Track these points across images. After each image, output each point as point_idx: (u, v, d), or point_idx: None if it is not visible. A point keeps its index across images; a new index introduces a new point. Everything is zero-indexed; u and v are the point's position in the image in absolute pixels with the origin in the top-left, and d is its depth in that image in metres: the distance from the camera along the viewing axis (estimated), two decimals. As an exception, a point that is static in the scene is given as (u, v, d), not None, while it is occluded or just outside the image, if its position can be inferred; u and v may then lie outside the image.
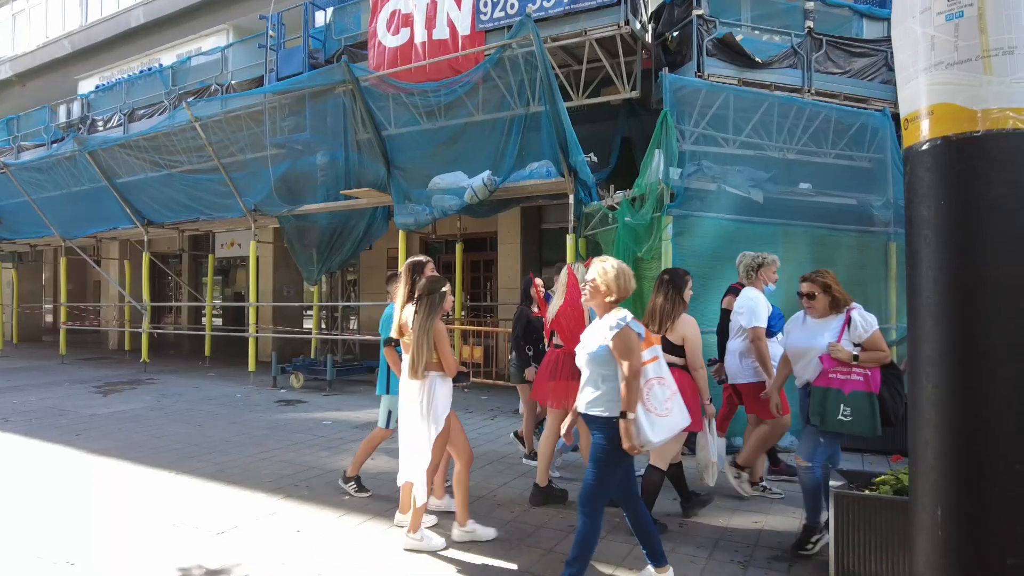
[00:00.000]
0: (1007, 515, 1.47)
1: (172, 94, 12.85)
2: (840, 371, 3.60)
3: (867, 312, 3.72)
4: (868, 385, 3.53)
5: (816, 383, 3.66)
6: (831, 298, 3.75)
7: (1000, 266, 1.50)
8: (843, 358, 3.58)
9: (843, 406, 3.54)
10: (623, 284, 3.13)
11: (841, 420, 3.53)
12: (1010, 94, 1.48)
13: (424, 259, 4.18)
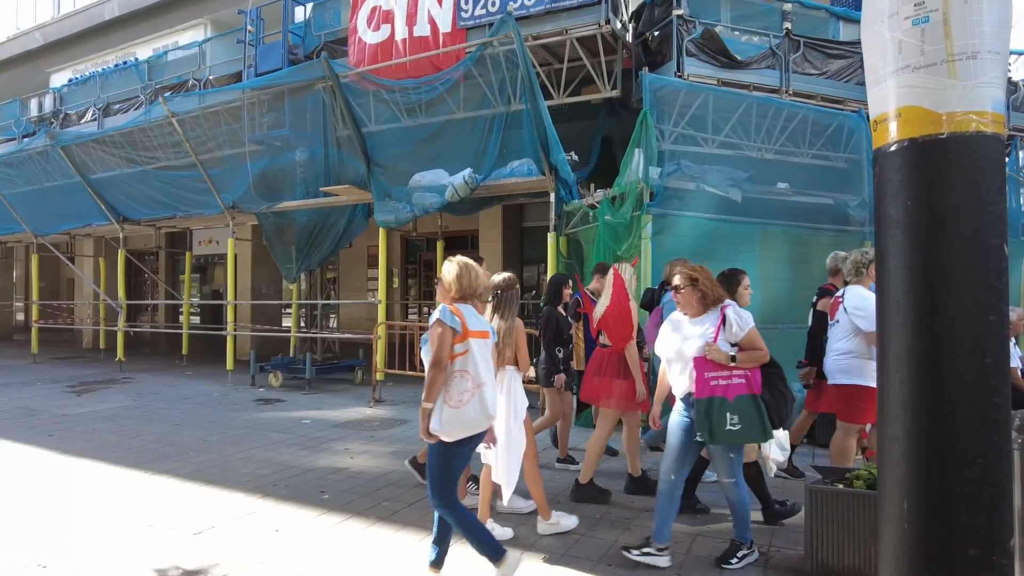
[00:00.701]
0: (969, 507, 1.52)
1: (148, 89, 12.65)
2: (720, 376, 3.34)
3: (743, 310, 3.52)
4: (751, 388, 3.32)
5: (698, 395, 3.37)
6: (700, 293, 3.46)
7: (962, 265, 1.55)
8: (719, 359, 3.33)
9: (730, 414, 3.29)
10: (465, 282, 3.26)
11: (731, 430, 3.27)
12: (973, 98, 1.52)
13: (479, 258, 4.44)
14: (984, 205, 1.53)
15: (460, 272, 3.27)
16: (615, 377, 4.45)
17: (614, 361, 4.49)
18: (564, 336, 5.33)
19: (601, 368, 4.60)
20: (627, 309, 4.40)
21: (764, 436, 3.33)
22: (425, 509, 4.42)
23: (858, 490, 3.31)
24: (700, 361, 3.38)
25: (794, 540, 3.84)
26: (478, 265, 3.43)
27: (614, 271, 4.56)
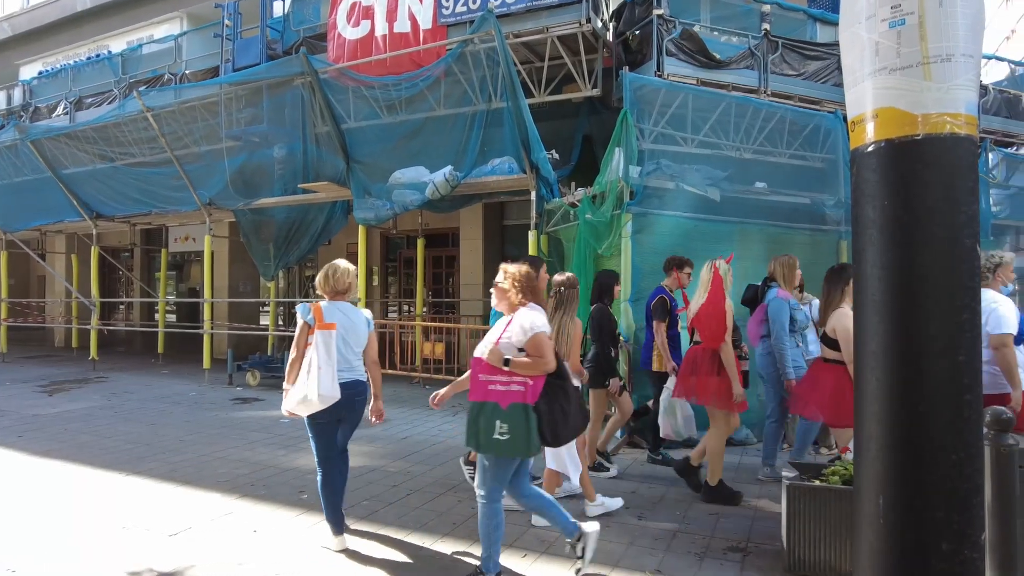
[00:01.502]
0: (943, 503, 1.55)
1: (122, 83, 12.42)
2: (499, 380, 3.10)
3: (538, 312, 3.23)
4: (526, 397, 3.04)
5: (472, 398, 3.16)
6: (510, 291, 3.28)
7: (937, 265, 1.57)
8: (493, 362, 3.11)
9: (500, 422, 3.02)
10: (331, 283, 3.80)
11: (497, 439, 3.01)
12: (947, 100, 1.54)
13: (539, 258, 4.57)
14: (958, 206, 1.56)
15: (325, 275, 3.82)
16: (710, 375, 4.41)
17: (707, 359, 4.44)
18: (614, 335, 5.28)
19: (696, 366, 4.54)
20: (721, 308, 4.34)
21: (528, 450, 3.04)
22: (404, 508, 4.41)
23: (834, 486, 3.35)
24: (477, 362, 3.19)
25: (772, 536, 3.89)
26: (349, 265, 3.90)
27: (713, 268, 4.48)
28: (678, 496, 4.69)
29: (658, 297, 5.47)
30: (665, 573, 3.44)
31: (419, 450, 6.02)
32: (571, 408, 3.13)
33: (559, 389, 3.11)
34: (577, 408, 3.19)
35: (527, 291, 3.26)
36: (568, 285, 4.17)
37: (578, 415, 3.20)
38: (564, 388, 3.14)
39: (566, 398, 3.12)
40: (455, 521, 4.16)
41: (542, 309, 3.29)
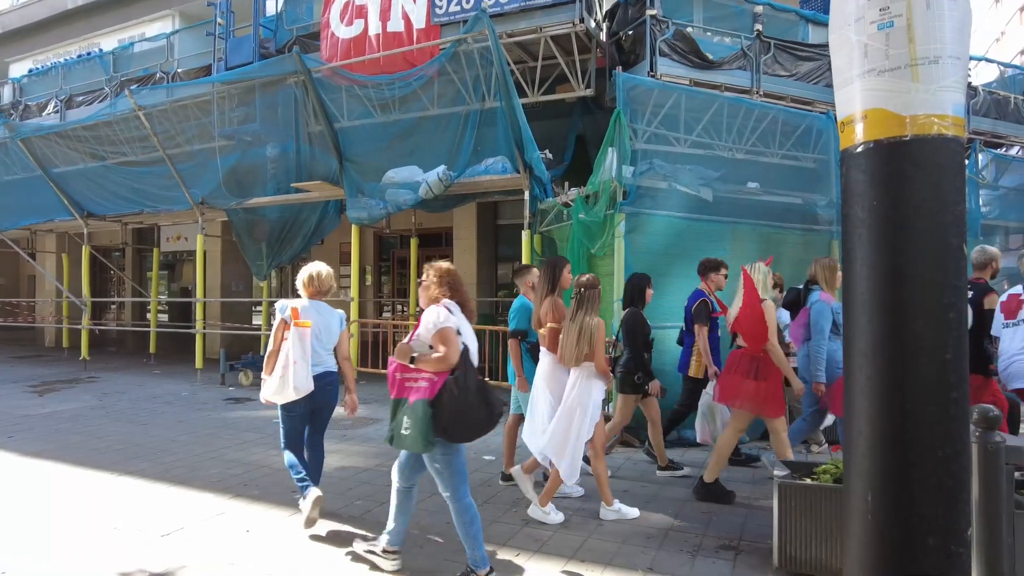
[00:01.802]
0: (929, 498, 1.57)
1: (113, 81, 12.34)
2: (411, 377, 3.18)
3: (445, 308, 3.23)
4: (428, 393, 3.09)
5: (392, 394, 3.27)
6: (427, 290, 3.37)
7: (924, 264, 1.59)
8: (400, 358, 3.20)
9: (407, 418, 3.11)
10: (315, 284, 4.20)
11: (403, 435, 3.10)
12: (935, 101, 1.57)
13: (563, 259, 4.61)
14: (945, 206, 1.58)
15: (310, 276, 4.22)
16: (746, 377, 4.40)
17: (745, 362, 4.43)
18: (648, 340, 5.20)
19: (734, 368, 4.52)
20: (759, 309, 4.33)
21: (423, 446, 3.07)
22: (398, 507, 4.40)
23: (825, 484, 3.38)
24: (392, 360, 3.27)
25: (763, 534, 3.91)
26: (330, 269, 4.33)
27: (744, 272, 4.49)
28: (671, 495, 4.71)
29: (700, 300, 5.37)
30: (657, 571, 3.46)
31: (412, 449, 6.02)
32: (471, 405, 3.08)
33: (459, 385, 3.08)
34: (480, 405, 3.12)
35: (446, 286, 3.30)
36: (589, 286, 4.19)
37: (480, 412, 3.13)
38: (465, 384, 3.09)
39: (465, 394, 3.07)
40: (448, 520, 4.15)
41: (456, 305, 3.29)
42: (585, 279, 4.26)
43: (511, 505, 4.48)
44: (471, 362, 3.20)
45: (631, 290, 5.30)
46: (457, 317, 3.24)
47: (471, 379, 3.13)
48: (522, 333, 4.77)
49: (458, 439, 3.15)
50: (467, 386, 3.09)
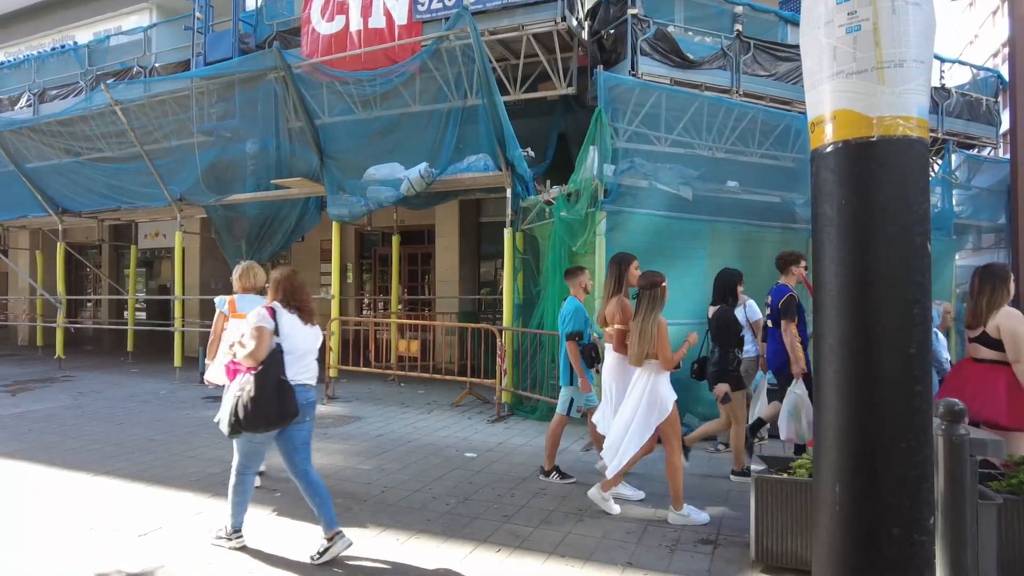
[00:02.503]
0: (893, 489, 1.61)
1: (89, 75, 12.14)
2: (233, 368, 3.64)
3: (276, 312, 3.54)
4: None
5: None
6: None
7: (890, 261, 1.64)
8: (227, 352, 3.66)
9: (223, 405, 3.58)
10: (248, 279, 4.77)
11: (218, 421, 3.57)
12: (900, 104, 1.61)
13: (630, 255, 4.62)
14: (910, 205, 1.62)
15: (244, 272, 4.77)
16: None
17: None
18: (740, 337, 5.11)
19: None
20: None
21: (227, 431, 3.46)
22: (379, 506, 4.41)
23: (800, 478, 3.43)
24: None
25: (741, 528, 3.97)
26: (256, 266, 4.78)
27: None
28: (650, 490, 4.76)
29: (787, 295, 5.12)
30: (636, 566, 3.49)
31: (393, 448, 6.02)
32: (266, 399, 3.37)
33: (257, 380, 3.39)
34: (274, 401, 3.40)
35: (280, 291, 3.65)
36: (650, 284, 4.18)
37: (273, 408, 3.40)
38: (263, 380, 3.40)
39: (262, 389, 3.37)
40: (429, 518, 4.18)
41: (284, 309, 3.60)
42: (643, 281, 4.24)
43: (491, 502, 4.50)
44: (278, 361, 3.48)
45: (721, 287, 5.21)
46: (285, 319, 3.57)
47: (271, 376, 3.43)
48: (578, 335, 4.88)
49: (251, 428, 3.42)
50: (265, 382, 3.40)
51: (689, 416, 6.40)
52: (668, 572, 3.42)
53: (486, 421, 7.20)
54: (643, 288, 4.21)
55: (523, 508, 4.36)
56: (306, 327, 3.68)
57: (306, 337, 3.67)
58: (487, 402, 8.11)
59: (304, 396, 3.61)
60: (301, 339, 3.62)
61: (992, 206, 10.21)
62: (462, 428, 6.84)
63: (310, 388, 3.71)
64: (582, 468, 5.34)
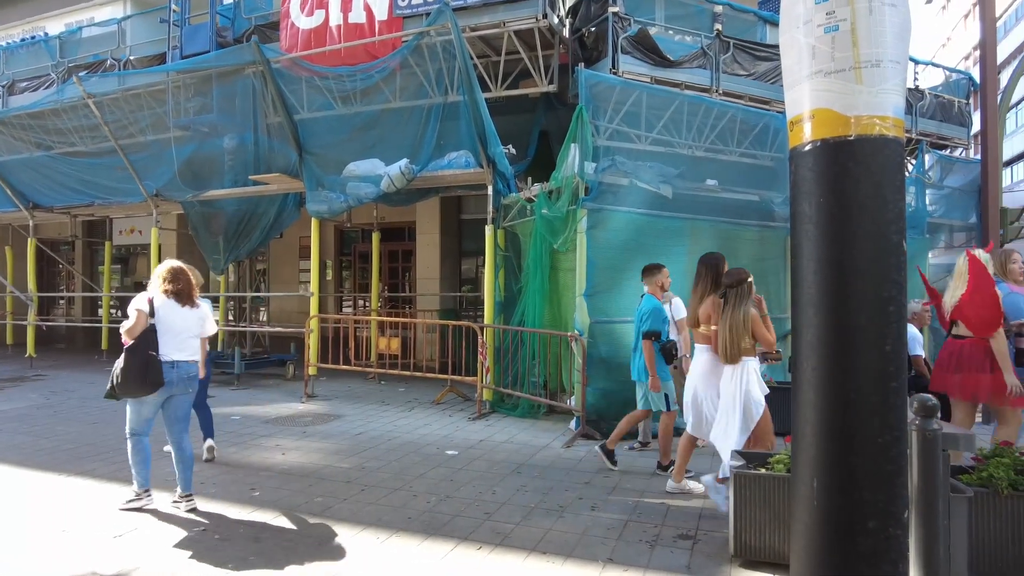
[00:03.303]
0: (869, 484, 1.64)
1: (61, 67, 11.87)
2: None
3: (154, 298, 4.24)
4: None
5: None
6: None
7: (867, 258, 1.66)
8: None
9: None
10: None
11: None
12: (877, 103, 1.63)
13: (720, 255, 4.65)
14: (886, 203, 1.65)
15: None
16: (981, 372, 4.20)
17: (978, 354, 4.22)
18: None
19: (960, 362, 4.34)
20: (992, 294, 4.11)
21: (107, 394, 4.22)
22: (358, 504, 4.38)
23: (779, 473, 3.47)
24: None
25: (720, 524, 4.01)
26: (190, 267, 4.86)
27: (969, 256, 4.29)
28: (631, 486, 4.79)
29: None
30: (617, 562, 3.51)
31: (374, 446, 5.98)
32: (133, 371, 4.08)
33: (127, 353, 4.10)
34: (140, 373, 4.08)
35: (167, 282, 4.32)
36: (735, 282, 4.18)
37: (137, 378, 4.08)
38: (133, 354, 4.08)
39: (131, 362, 4.07)
40: (410, 516, 4.16)
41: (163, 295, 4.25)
42: (731, 276, 4.23)
43: (472, 500, 4.50)
44: (149, 339, 4.13)
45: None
46: (160, 303, 4.24)
47: (140, 351, 4.09)
48: (655, 334, 4.95)
49: (123, 394, 4.14)
50: (135, 356, 4.08)
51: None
52: (648, 567, 3.44)
53: (467, 418, 7.19)
54: (730, 285, 4.20)
55: (504, 505, 4.36)
56: (184, 309, 4.31)
57: (184, 318, 4.29)
58: (468, 399, 8.10)
59: (184, 371, 4.26)
60: (178, 320, 4.26)
61: (963, 205, 10.42)
62: (443, 426, 6.83)
63: (191, 363, 4.32)
64: (590, 465, 5.35)
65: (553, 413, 7.26)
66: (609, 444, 5.29)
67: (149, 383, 4.12)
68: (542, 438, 6.29)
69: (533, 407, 7.31)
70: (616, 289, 6.62)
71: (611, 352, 6.47)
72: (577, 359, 6.45)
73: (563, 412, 7.08)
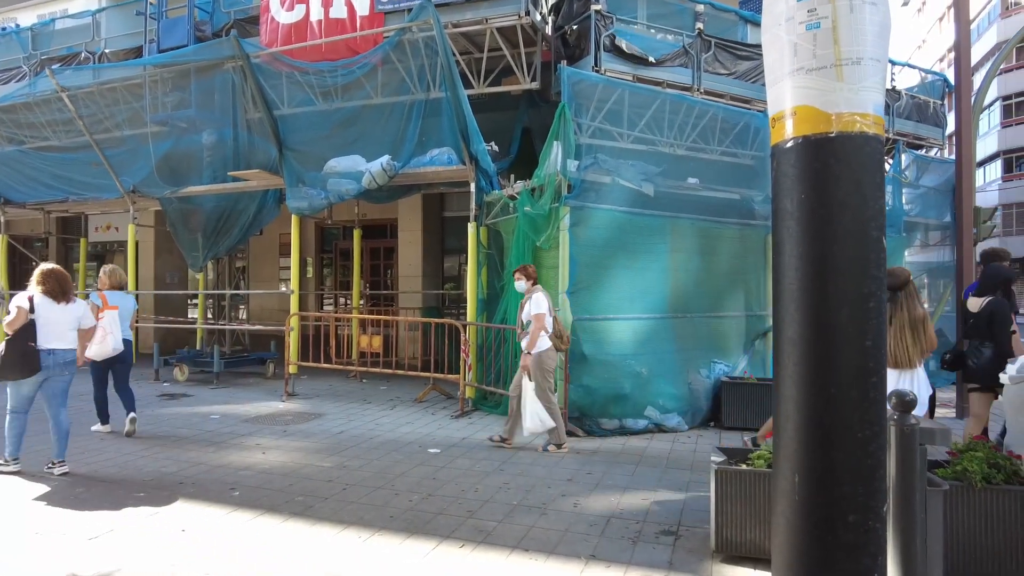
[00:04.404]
0: (849, 478, 1.66)
1: (33, 59, 11.62)
2: None
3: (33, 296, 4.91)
4: None
5: None
6: None
7: (847, 255, 1.68)
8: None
9: None
10: (114, 278, 6.35)
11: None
12: (857, 100, 1.65)
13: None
14: (867, 200, 1.66)
15: (110, 273, 6.38)
16: None
17: None
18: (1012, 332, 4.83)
19: None
20: None
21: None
22: (340, 504, 4.34)
23: (759, 469, 3.51)
24: None
25: (701, 519, 4.04)
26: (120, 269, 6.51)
27: None
28: (613, 483, 4.81)
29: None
30: (600, 559, 3.52)
31: (355, 444, 5.94)
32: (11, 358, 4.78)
33: (8, 343, 4.80)
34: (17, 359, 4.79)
35: (39, 283, 5.02)
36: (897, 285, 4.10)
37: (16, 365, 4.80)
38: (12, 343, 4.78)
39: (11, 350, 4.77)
40: (392, 514, 4.14)
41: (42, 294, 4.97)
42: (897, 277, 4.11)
43: (455, 498, 4.49)
44: (27, 332, 4.82)
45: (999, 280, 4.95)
46: (39, 301, 4.93)
47: (19, 342, 4.79)
48: None
49: (3, 378, 4.83)
50: (15, 346, 4.79)
51: (650, 408, 6.49)
52: (631, 564, 3.45)
53: (450, 416, 7.17)
54: (895, 288, 4.07)
55: (487, 503, 4.36)
56: (59, 306, 5.02)
57: (61, 313, 5.03)
58: (451, 397, 8.08)
59: (61, 357, 5.00)
60: (54, 315, 4.97)
61: (938, 205, 10.60)
62: (425, 424, 6.80)
63: (68, 351, 5.08)
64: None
65: (536, 410, 7.26)
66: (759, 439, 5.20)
67: (26, 369, 4.82)
68: (524, 436, 6.29)
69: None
70: (598, 286, 6.65)
71: (594, 349, 6.49)
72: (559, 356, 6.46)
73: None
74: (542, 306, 5.55)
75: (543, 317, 5.51)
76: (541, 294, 5.66)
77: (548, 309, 5.58)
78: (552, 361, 5.63)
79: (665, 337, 6.97)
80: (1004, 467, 3.26)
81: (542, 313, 5.51)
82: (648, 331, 6.86)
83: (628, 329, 6.78)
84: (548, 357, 5.58)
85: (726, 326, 7.59)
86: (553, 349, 5.64)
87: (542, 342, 5.54)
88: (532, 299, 5.64)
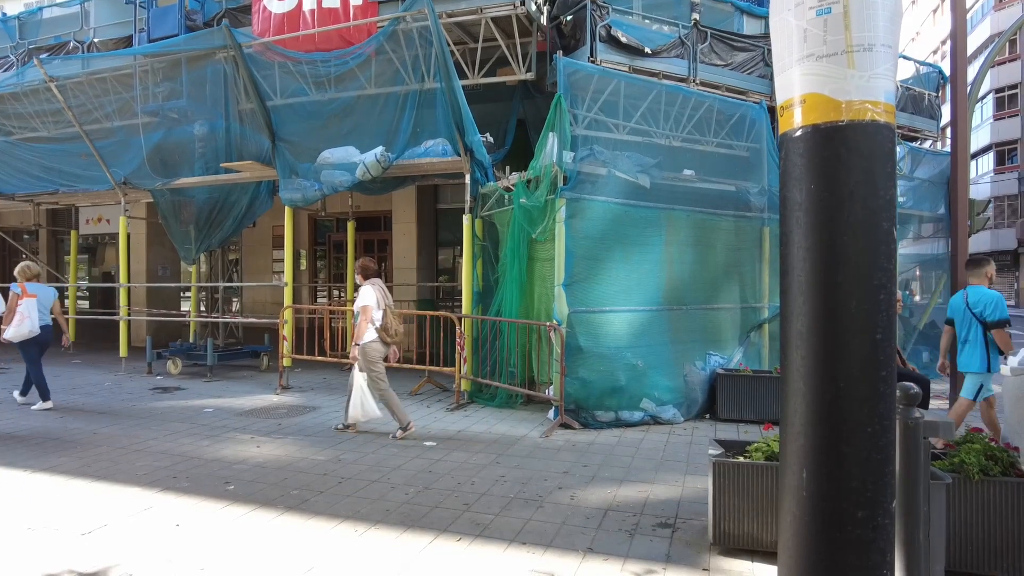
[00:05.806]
0: (858, 473, 1.64)
1: (20, 49, 11.43)
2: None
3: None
4: None
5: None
6: None
7: (857, 246, 1.65)
8: None
9: None
10: (29, 272, 7.10)
11: None
12: (869, 88, 1.61)
13: None
14: (877, 190, 1.63)
15: (25, 268, 7.12)
16: None
17: None
18: None
19: None
20: None
21: None
22: (336, 497, 4.31)
23: (757, 462, 3.50)
24: None
25: (698, 511, 4.04)
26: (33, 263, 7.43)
27: None
28: (610, 476, 4.80)
29: None
30: (597, 551, 3.51)
31: (350, 438, 5.91)
32: None
33: None
34: None
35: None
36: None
37: None
38: None
39: None
40: (388, 508, 4.11)
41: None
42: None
43: (451, 491, 4.46)
44: None
45: None
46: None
47: None
48: (1007, 322, 4.95)
49: None
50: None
51: (646, 401, 6.49)
52: (628, 557, 3.44)
53: (445, 409, 7.14)
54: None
55: (484, 496, 4.34)
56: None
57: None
58: (446, 390, 8.05)
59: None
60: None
61: (933, 197, 10.60)
62: (421, 416, 6.77)
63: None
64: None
65: (531, 403, 7.26)
66: None
67: None
68: (520, 428, 6.28)
69: (511, 397, 7.29)
70: (595, 278, 6.62)
71: (589, 342, 6.47)
72: (556, 349, 6.44)
73: (541, 402, 7.07)
74: (368, 300, 5.87)
75: (369, 310, 5.84)
76: (368, 288, 5.95)
77: (376, 303, 5.89)
78: (376, 352, 5.93)
79: (661, 329, 6.96)
80: (1001, 459, 3.26)
81: (366, 306, 5.84)
82: (644, 323, 6.84)
83: (624, 321, 6.76)
84: (372, 348, 5.87)
85: (722, 318, 7.58)
86: (379, 341, 5.93)
87: (368, 334, 5.83)
88: (360, 293, 5.98)
